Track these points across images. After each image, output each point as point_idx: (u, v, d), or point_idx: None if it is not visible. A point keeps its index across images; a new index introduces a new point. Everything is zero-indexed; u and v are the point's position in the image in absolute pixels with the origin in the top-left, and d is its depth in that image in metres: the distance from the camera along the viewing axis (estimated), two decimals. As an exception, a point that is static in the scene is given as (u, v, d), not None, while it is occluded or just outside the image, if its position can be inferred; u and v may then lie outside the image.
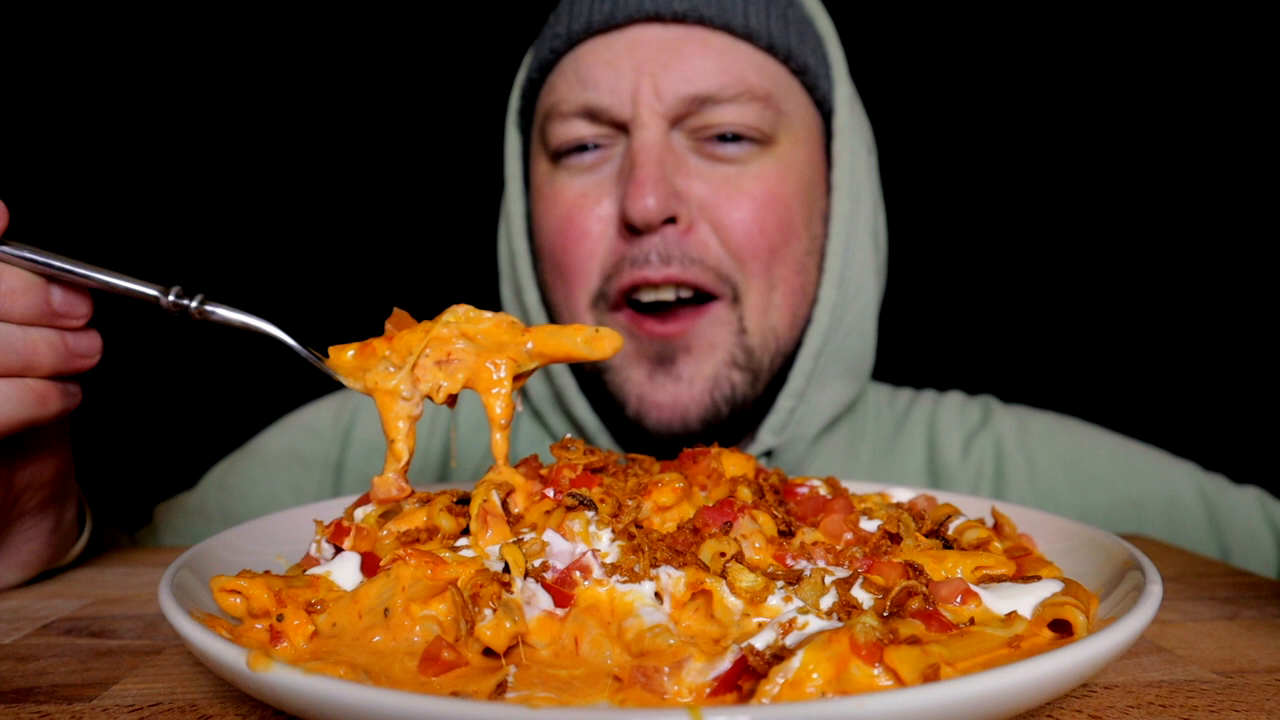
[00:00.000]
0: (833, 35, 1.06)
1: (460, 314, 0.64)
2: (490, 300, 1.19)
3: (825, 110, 1.05)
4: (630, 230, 0.95)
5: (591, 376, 1.03)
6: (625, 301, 0.97)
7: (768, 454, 1.07)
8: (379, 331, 0.64)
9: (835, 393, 1.07)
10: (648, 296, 0.96)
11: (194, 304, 0.61)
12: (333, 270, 2.29)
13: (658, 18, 0.96)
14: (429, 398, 0.62)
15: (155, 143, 2.20)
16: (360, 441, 1.19)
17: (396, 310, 0.64)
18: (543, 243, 1.04)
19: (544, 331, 0.63)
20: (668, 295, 0.96)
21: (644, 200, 0.91)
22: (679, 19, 0.95)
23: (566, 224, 1.00)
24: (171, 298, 0.60)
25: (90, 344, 0.64)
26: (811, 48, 1.02)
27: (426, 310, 0.66)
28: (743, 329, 0.98)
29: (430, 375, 0.62)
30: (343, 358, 0.63)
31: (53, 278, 0.60)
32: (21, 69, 2.02)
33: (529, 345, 0.63)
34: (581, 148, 0.99)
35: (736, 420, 1.01)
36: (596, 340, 0.64)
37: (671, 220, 0.94)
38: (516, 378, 0.63)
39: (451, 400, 0.63)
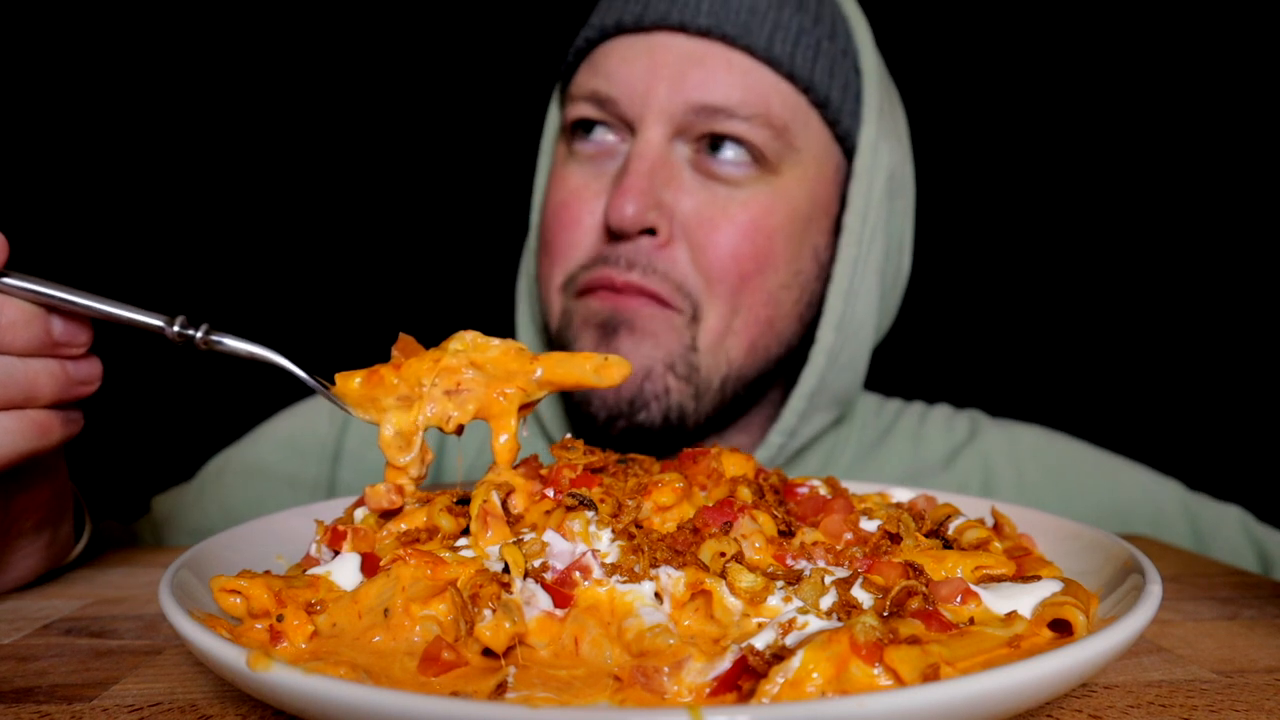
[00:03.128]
0: (875, 70, 1.02)
1: (468, 341, 0.63)
2: (493, 305, 1.18)
3: (848, 146, 1.03)
4: (610, 235, 0.96)
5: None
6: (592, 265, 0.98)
7: None
8: (383, 348, 0.64)
9: (820, 421, 1.08)
10: (607, 296, 0.96)
11: (199, 334, 0.61)
12: (335, 280, 2.30)
13: (682, 28, 0.95)
14: (438, 428, 0.62)
15: (155, 164, 2.21)
16: (356, 436, 1.20)
17: (403, 336, 0.64)
18: (544, 220, 1.06)
19: (553, 360, 0.63)
20: (629, 301, 0.96)
21: (623, 208, 0.91)
22: (703, 33, 0.95)
23: (562, 209, 1.01)
24: (176, 328, 0.61)
25: (90, 371, 0.65)
26: (841, 83, 1.00)
27: (429, 326, 0.66)
28: (693, 347, 0.97)
29: (440, 405, 0.62)
30: (349, 385, 0.63)
31: (53, 308, 0.60)
32: (21, 97, 2.03)
33: (538, 373, 0.63)
34: (589, 128, 0.99)
35: (677, 432, 0.99)
36: (606, 369, 0.64)
37: (651, 232, 0.94)
38: (523, 406, 0.63)
39: (459, 430, 0.63)
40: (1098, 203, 2.29)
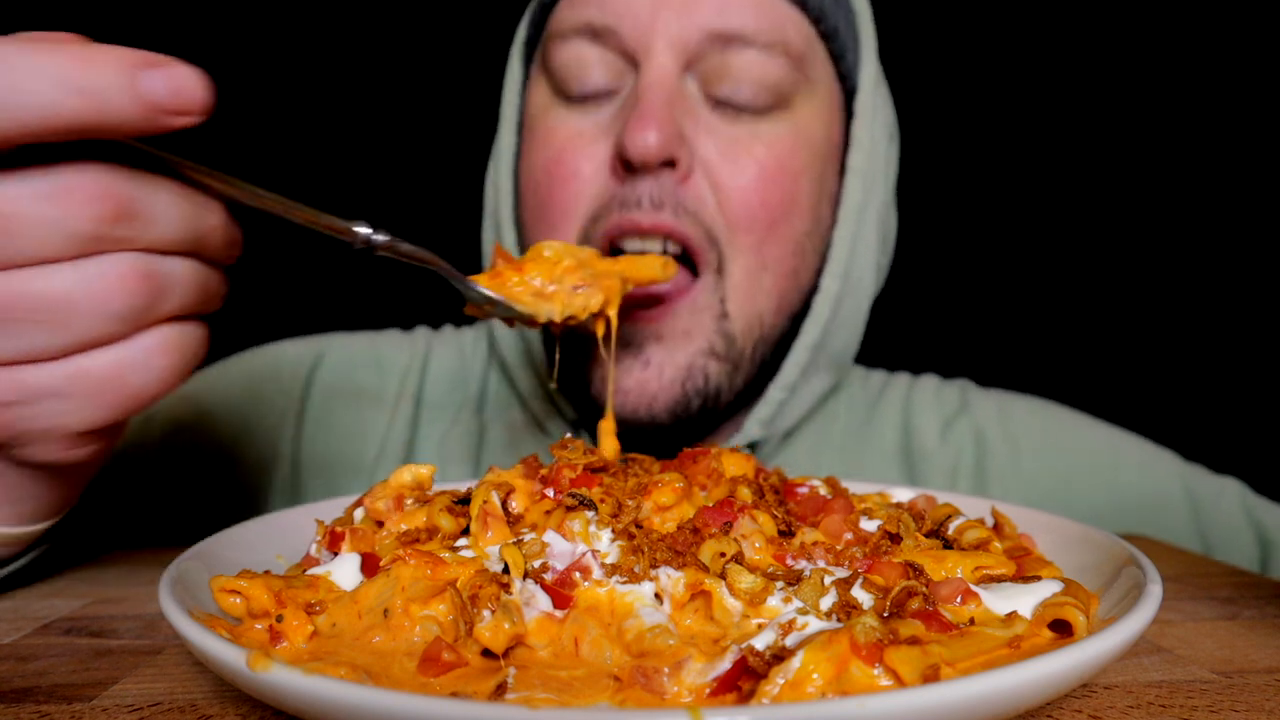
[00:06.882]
0: (866, 12, 0.99)
1: (559, 248, 0.72)
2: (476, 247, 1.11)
3: (848, 87, 0.99)
4: (626, 168, 0.86)
5: (562, 349, 0.96)
6: (609, 250, 0.90)
7: (751, 446, 1.03)
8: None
9: (819, 384, 1.04)
10: (633, 245, 0.89)
11: (384, 238, 0.59)
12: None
13: None
14: (568, 321, 0.71)
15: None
16: (322, 381, 1.13)
17: (497, 245, 0.73)
18: (527, 182, 0.96)
19: (629, 261, 0.76)
20: (654, 246, 0.89)
21: (645, 134, 0.82)
22: None
23: (555, 164, 0.91)
24: (365, 231, 0.58)
25: (225, 289, 0.59)
26: (845, 16, 0.96)
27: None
28: (724, 313, 0.91)
29: (576, 300, 0.71)
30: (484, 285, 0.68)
31: (233, 209, 0.55)
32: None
33: (623, 273, 0.74)
34: (592, 95, 0.91)
35: (710, 413, 0.95)
36: (669, 266, 0.80)
37: (670, 164, 0.86)
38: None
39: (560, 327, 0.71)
40: (1085, 166, 2.25)
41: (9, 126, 0.43)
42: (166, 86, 0.45)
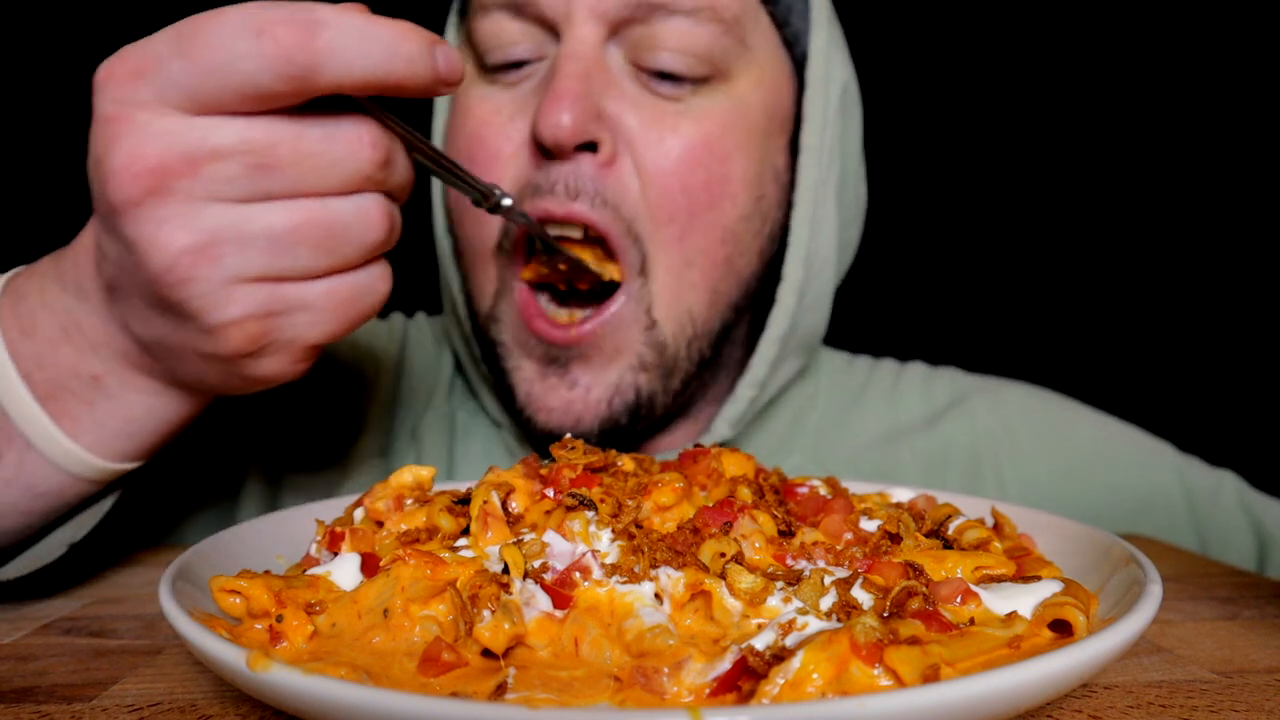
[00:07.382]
0: None
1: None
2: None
3: (797, 55, 0.93)
4: (542, 153, 0.81)
5: (490, 352, 0.93)
6: (525, 245, 0.86)
7: (720, 445, 0.99)
8: None
9: (788, 369, 1.00)
10: (553, 230, 0.85)
11: (509, 202, 0.68)
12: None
13: None
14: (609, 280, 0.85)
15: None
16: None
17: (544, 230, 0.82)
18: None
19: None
20: (575, 233, 0.83)
21: (557, 116, 0.77)
22: None
23: (475, 145, 0.87)
24: (499, 193, 0.67)
25: None
26: None
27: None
28: (651, 322, 0.86)
29: (604, 268, 0.85)
30: None
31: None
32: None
33: None
34: (515, 64, 0.87)
35: (646, 421, 0.90)
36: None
37: (591, 148, 0.81)
38: None
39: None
40: (1070, 143, 2.19)
41: (345, 77, 0.49)
42: (448, 61, 0.53)
